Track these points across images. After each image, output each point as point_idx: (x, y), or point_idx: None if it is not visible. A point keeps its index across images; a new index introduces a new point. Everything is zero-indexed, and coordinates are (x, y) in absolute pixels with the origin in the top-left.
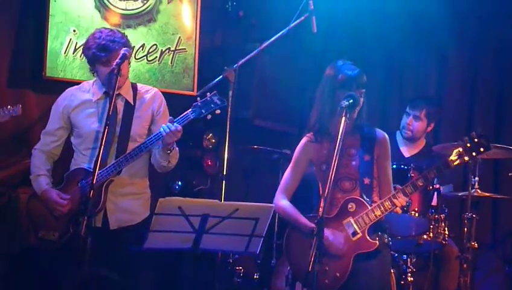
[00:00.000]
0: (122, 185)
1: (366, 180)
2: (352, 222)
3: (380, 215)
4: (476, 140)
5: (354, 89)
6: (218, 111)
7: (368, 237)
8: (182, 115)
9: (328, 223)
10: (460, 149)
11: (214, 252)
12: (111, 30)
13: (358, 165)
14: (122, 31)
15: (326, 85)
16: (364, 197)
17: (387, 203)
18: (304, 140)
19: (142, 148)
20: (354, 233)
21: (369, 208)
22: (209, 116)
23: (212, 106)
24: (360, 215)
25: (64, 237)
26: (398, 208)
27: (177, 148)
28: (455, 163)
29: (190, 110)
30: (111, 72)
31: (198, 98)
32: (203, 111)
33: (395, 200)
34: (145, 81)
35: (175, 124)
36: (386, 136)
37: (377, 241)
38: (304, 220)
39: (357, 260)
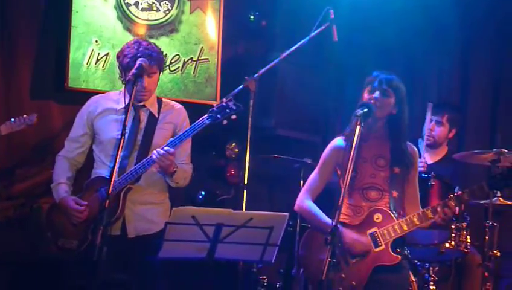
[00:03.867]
0: (141, 193)
1: (395, 193)
2: (378, 233)
3: (406, 230)
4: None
5: (375, 84)
6: (234, 116)
7: (390, 251)
8: (198, 121)
9: (351, 230)
10: (499, 176)
11: (230, 261)
12: (149, 44)
13: (388, 177)
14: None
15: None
16: (392, 210)
17: (415, 218)
18: (333, 142)
19: (145, 164)
20: (377, 244)
21: (396, 221)
22: (225, 122)
23: (227, 111)
24: (386, 227)
25: (83, 245)
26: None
27: (184, 170)
28: (491, 187)
29: (206, 116)
30: (127, 82)
31: (215, 104)
32: (219, 116)
33: (423, 217)
34: (168, 91)
35: (166, 147)
36: (416, 149)
37: (400, 257)
38: (327, 220)
39: (375, 271)
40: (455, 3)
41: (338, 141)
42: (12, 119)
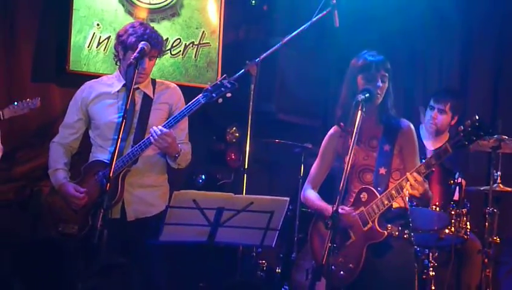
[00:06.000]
0: (139, 175)
1: (382, 170)
2: (365, 212)
3: (387, 204)
4: (476, 124)
5: (373, 71)
6: (229, 94)
7: (377, 227)
8: (193, 100)
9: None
10: (461, 134)
11: (230, 245)
12: (153, 28)
13: (377, 155)
14: None
15: (349, 74)
16: (378, 187)
17: (393, 191)
18: (330, 131)
19: (142, 146)
20: (365, 223)
21: (379, 197)
22: (220, 100)
23: (222, 89)
24: (371, 205)
25: (84, 230)
26: (407, 193)
27: (185, 150)
28: (454, 147)
29: (201, 95)
30: (129, 65)
31: (209, 83)
32: (214, 95)
33: (399, 188)
34: (169, 75)
35: (159, 127)
36: (411, 125)
37: (385, 232)
38: (326, 205)
39: (373, 253)
40: None
41: (334, 128)
42: (16, 103)
